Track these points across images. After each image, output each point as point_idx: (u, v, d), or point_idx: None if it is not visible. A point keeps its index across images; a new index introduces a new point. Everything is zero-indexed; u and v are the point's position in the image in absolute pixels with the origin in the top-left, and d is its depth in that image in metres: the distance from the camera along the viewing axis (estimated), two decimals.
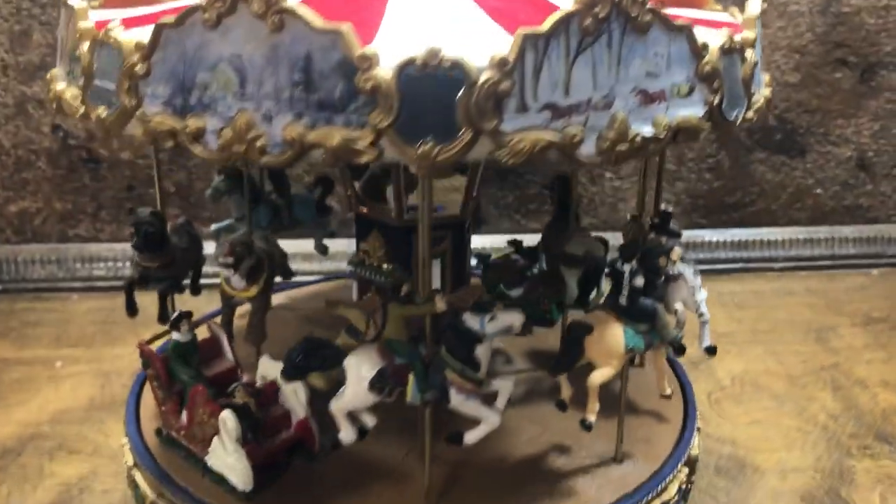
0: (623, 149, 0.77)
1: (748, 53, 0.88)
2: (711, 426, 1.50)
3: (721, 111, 0.85)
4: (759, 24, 0.95)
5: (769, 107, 0.97)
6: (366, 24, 0.75)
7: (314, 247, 1.63)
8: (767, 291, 2.15)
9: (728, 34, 0.85)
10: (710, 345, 1.18)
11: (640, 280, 1.05)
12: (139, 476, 1.13)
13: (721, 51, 0.84)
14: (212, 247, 1.34)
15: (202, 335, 1.22)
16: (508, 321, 0.96)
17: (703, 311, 1.17)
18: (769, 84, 1.00)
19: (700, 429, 1.24)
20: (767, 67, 1.84)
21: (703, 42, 0.82)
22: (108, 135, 0.86)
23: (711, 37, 0.84)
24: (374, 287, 1.28)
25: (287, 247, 1.46)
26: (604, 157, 0.77)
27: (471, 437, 1.00)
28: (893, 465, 1.41)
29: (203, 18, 0.74)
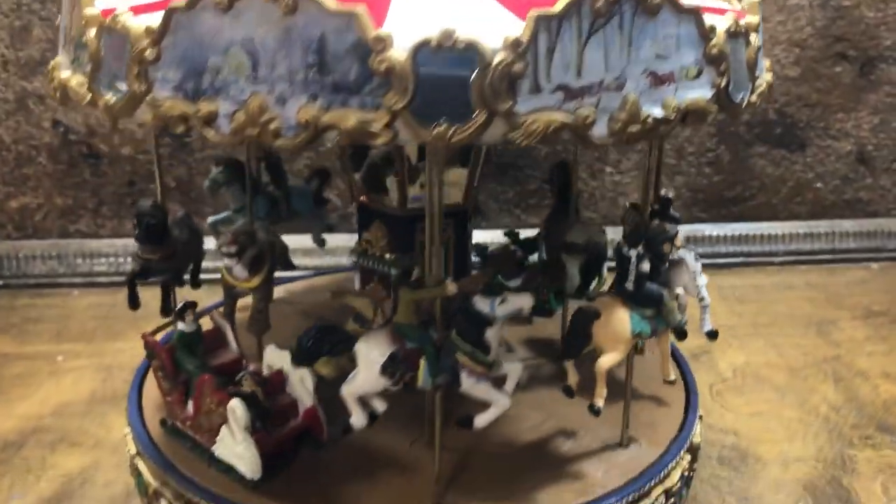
0: (634, 130, 0.78)
1: (752, 37, 0.89)
2: (714, 417, 1.51)
3: (728, 94, 0.86)
4: (761, 10, 0.96)
5: (771, 91, 0.97)
6: (375, 7, 0.75)
7: (312, 239, 1.63)
8: (768, 285, 2.16)
9: (734, 17, 0.86)
10: (712, 329, 1.18)
11: (647, 265, 1.05)
12: (142, 465, 1.13)
13: (727, 34, 0.84)
14: (210, 241, 1.34)
15: (205, 327, 1.21)
16: (518, 304, 0.96)
17: (704, 296, 1.18)
18: (770, 69, 1.00)
19: (702, 417, 1.25)
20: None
21: (711, 24, 0.82)
22: (116, 122, 0.85)
23: (717, 20, 0.85)
24: (377, 277, 1.29)
25: (286, 242, 1.46)
26: (615, 138, 0.77)
27: (481, 421, 1.00)
28: (895, 455, 1.41)
29: (214, 2, 0.74)
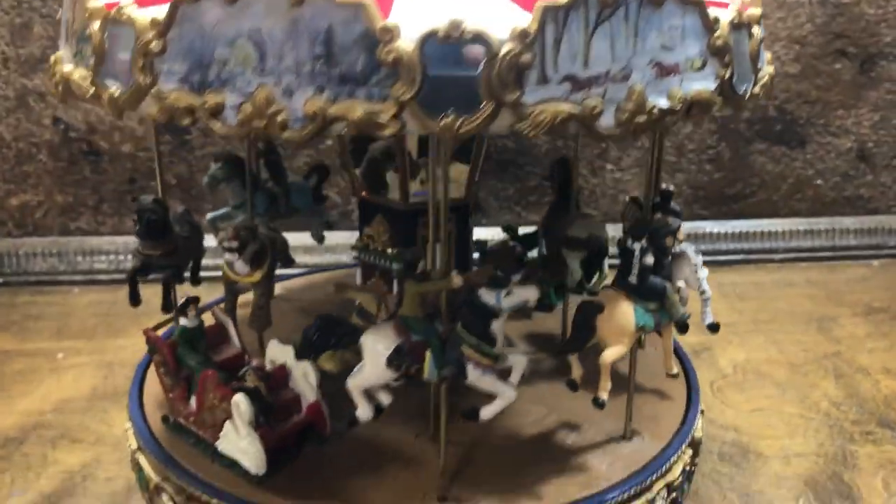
0: (641, 120, 0.78)
1: (755, 29, 0.89)
2: (714, 413, 1.51)
3: (731, 85, 0.86)
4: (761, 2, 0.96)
5: (772, 84, 0.98)
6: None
7: (311, 235, 1.63)
8: (768, 282, 2.16)
9: (737, 9, 0.86)
10: (713, 322, 1.18)
11: (650, 259, 1.06)
12: (143, 459, 1.13)
13: (731, 25, 0.85)
14: (209, 238, 1.34)
15: (206, 323, 1.21)
16: (524, 296, 0.96)
17: (705, 289, 1.18)
18: (770, 62, 1.00)
19: (703, 411, 1.25)
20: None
21: (715, 16, 0.83)
22: (121, 115, 0.84)
23: (720, 12, 0.85)
24: (379, 272, 1.29)
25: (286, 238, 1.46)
26: (623, 129, 0.77)
27: (487, 413, 1.00)
28: None
29: None
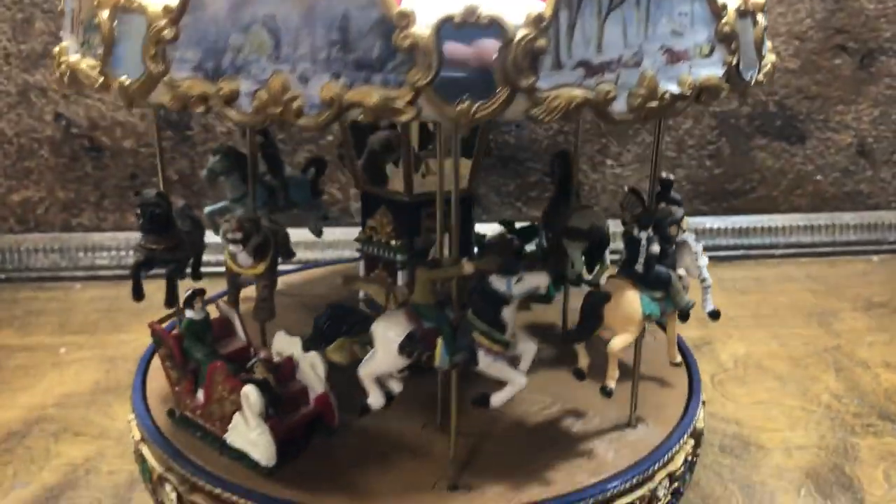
0: (653, 106, 0.79)
1: (759, 17, 0.91)
2: (715, 406, 1.51)
3: (738, 72, 0.87)
4: None
5: (774, 71, 0.98)
6: None
7: (309, 228, 1.64)
8: (768, 277, 2.16)
9: None
10: (714, 309, 1.19)
11: (657, 248, 1.06)
12: (146, 450, 1.12)
13: (737, 13, 0.86)
14: (208, 233, 1.34)
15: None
16: (535, 282, 0.96)
17: (706, 277, 1.18)
18: (772, 50, 1.01)
19: (705, 402, 1.25)
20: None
21: (723, 3, 0.84)
22: (132, 104, 0.84)
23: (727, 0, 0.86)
24: (382, 263, 1.30)
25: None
26: (635, 115, 0.78)
27: (497, 399, 1.00)
28: None
29: None
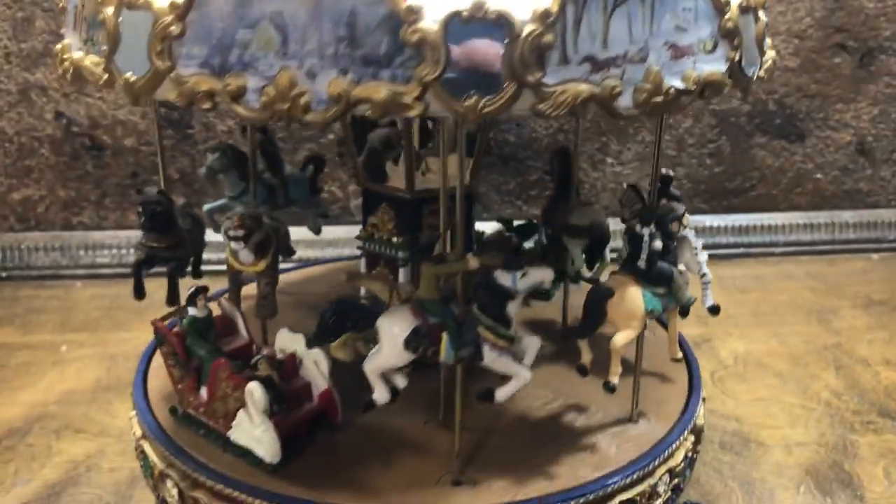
0: (658, 101, 0.79)
1: (760, 13, 0.92)
2: (716, 403, 1.51)
3: (741, 67, 0.88)
4: None
5: (774, 67, 0.99)
6: None
7: (308, 226, 1.64)
8: (768, 276, 2.17)
9: None
10: (714, 304, 1.19)
11: (659, 244, 1.06)
12: (148, 447, 1.13)
13: (740, 8, 0.87)
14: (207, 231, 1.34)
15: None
16: (539, 277, 0.97)
17: (706, 272, 1.19)
18: (772, 47, 1.02)
19: (705, 399, 1.25)
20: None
21: None
22: (136, 100, 0.84)
23: None
24: (383, 260, 1.30)
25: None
26: (640, 110, 0.79)
27: (502, 394, 1.00)
28: None
29: None
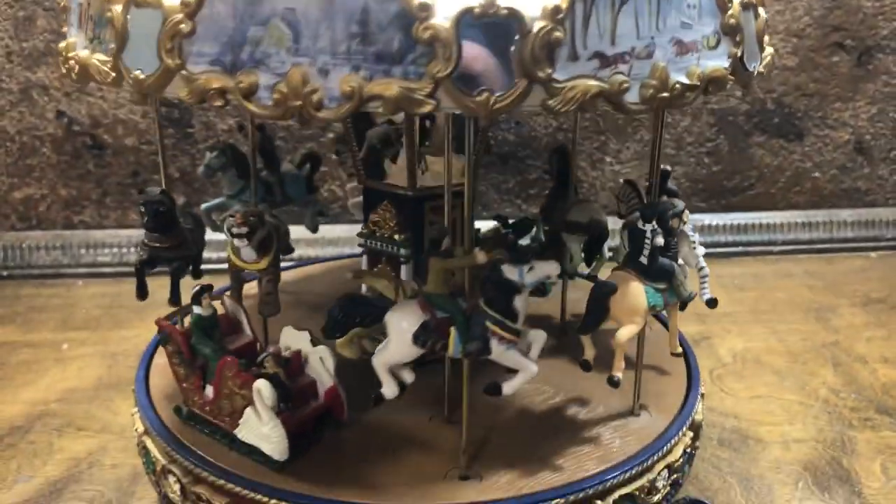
0: (664, 96, 0.81)
1: (760, 10, 0.93)
2: (714, 401, 1.52)
3: (742, 63, 0.89)
4: None
5: (773, 63, 1.00)
6: None
7: (305, 224, 1.65)
8: (767, 274, 2.17)
9: None
10: (711, 297, 1.20)
11: (661, 240, 1.07)
12: (150, 443, 1.13)
13: (741, 5, 0.88)
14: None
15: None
16: (546, 271, 0.98)
17: (703, 266, 1.20)
18: (769, 43, 1.03)
19: (703, 395, 1.26)
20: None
21: None
22: (145, 98, 0.84)
23: None
24: (385, 258, 1.31)
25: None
26: (647, 105, 0.80)
27: (509, 387, 1.01)
28: (894, 436, 1.42)
29: None
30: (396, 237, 1.26)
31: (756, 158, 2.27)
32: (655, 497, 1.07)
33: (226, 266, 1.29)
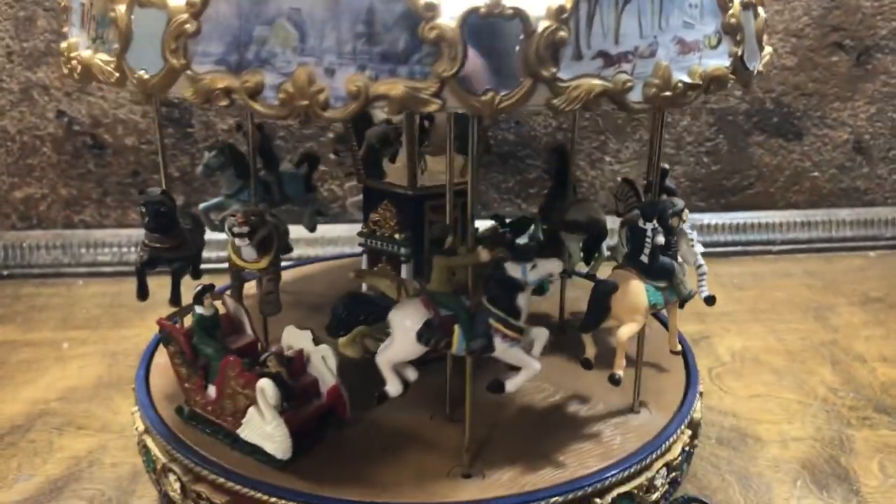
0: (667, 95, 0.82)
1: (760, 10, 0.94)
2: (713, 399, 1.52)
3: (743, 62, 0.90)
4: None
5: (772, 62, 1.01)
6: None
7: (303, 223, 1.65)
8: (766, 273, 2.18)
9: None
10: (710, 294, 1.21)
11: (661, 238, 1.08)
12: (150, 441, 1.14)
13: (742, 4, 0.89)
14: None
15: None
16: (549, 268, 0.99)
17: (702, 263, 1.21)
18: (767, 43, 1.04)
19: (702, 394, 1.27)
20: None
21: None
22: (149, 98, 0.84)
23: None
24: (386, 257, 1.31)
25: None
26: (651, 104, 0.81)
27: (512, 385, 1.01)
28: (892, 435, 1.42)
29: None
30: (397, 236, 1.26)
31: (755, 158, 2.28)
32: (654, 495, 1.08)
33: (224, 266, 1.29)
